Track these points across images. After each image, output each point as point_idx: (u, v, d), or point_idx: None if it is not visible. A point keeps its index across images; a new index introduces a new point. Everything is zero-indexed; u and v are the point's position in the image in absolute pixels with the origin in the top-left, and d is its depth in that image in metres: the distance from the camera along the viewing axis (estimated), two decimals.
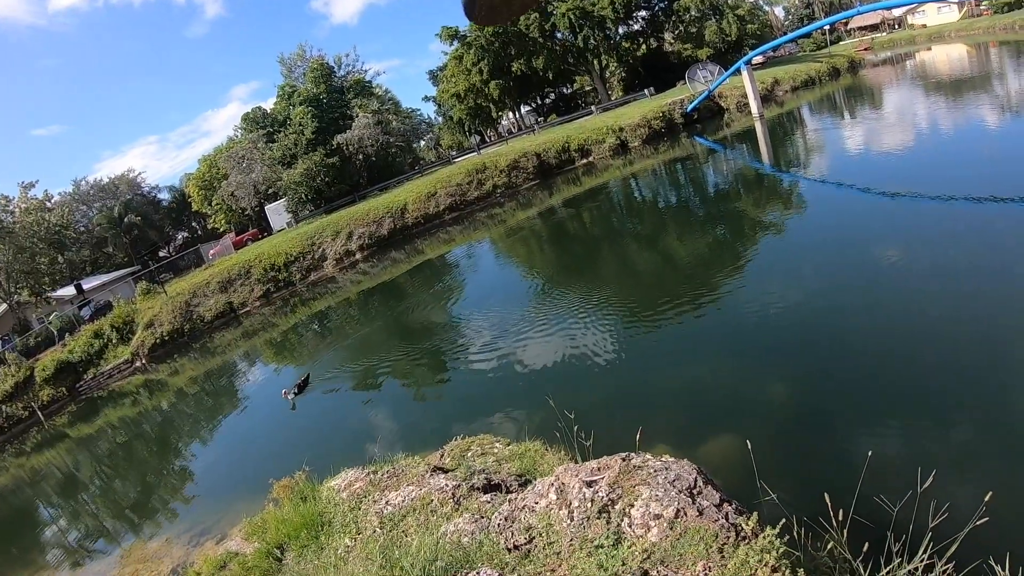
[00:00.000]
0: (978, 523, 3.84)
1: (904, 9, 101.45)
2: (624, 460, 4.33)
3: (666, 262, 19.16)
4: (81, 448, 25.57)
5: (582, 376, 11.91)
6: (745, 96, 46.01)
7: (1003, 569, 3.67)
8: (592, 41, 68.09)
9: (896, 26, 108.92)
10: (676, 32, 71.81)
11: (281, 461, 12.84)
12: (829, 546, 4.09)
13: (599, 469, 4.33)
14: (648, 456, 4.45)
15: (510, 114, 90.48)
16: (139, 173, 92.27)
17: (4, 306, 48.41)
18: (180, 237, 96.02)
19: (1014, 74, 37.90)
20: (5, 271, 45.56)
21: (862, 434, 7.88)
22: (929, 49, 73.84)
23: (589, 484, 4.18)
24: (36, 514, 20.49)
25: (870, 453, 4.59)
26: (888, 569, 3.84)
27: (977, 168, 18.23)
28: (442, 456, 8.57)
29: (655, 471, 4.14)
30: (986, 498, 3.85)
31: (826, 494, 3.99)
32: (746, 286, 14.54)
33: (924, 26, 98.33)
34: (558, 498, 4.30)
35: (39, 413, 33.84)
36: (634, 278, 18.49)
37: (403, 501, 6.88)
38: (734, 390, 9.90)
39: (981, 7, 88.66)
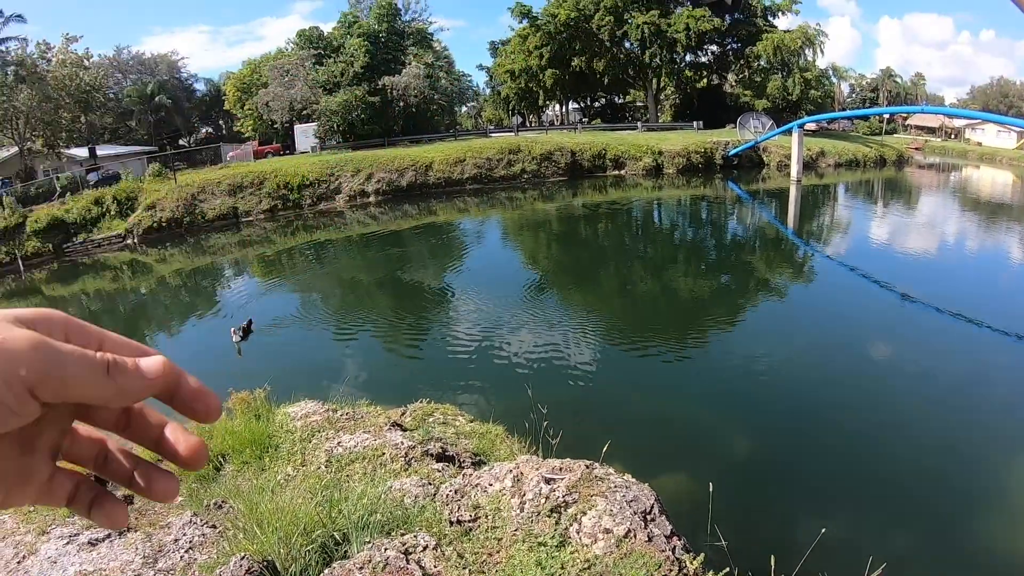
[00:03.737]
0: None
1: (965, 122, 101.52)
2: (588, 468, 4.32)
3: (665, 293, 19.17)
4: (51, 306, 25.30)
5: (558, 377, 11.92)
6: (788, 157, 45.93)
7: None
8: (657, 60, 67.76)
9: (953, 135, 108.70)
10: (740, 76, 71.50)
11: (241, 378, 12.85)
12: None
13: (561, 469, 4.32)
14: (611, 470, 4.44)
15: (557, 106, 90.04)
16: (182, 58, 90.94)
17: (15, 150, 47.98)
18: (204, 131, 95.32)
19: None
20: (25, 115, 45.10)
21: (821, 508, 8.01)
22: (977, 167, 73.70)
23: (547, 481, 4.17)
24: None
25: (823, 530, 4.60)
26: None
27: (989, 294, 18.38)
28: (403, 414, 8.54)
29: (615, 487, 4.14)
30: None
31: (772, 557, 3.99)
32: (736, 338, 14.61)
33: (979, 144, 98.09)
34: (513, 486, 4.29)
35: (20, 262, 33.56)
36: (631, 299, 18.50)
37: (355, 446, 6.87)
38: (705, 433, 9.96)
39: None
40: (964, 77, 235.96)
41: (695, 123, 63.83)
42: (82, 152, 51.16)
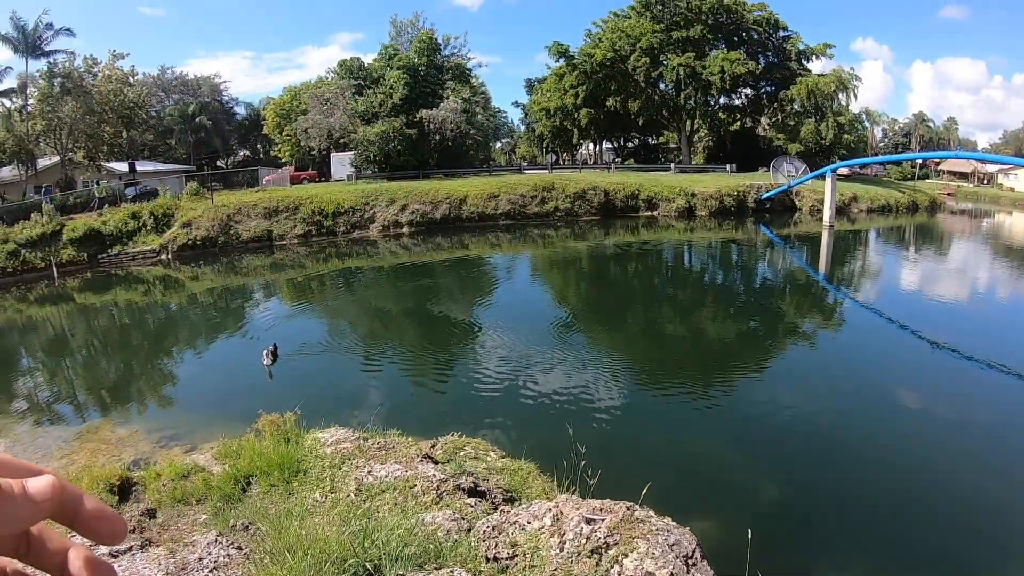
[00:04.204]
0: None
1: (997, 167, 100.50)
2: (628, 509, 4.25)
3: (696, 335, 18.99)
4: (82, 316, 25.91)
5: (589, 416, 11.78)
6: (821, 202, 45.65)
7: None
8: (692, 102, 68.15)
9: (985, 181, 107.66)
10: (773, 120, 71.62)
11: (270, 399, 12.78)
12: None
13: (601, 510, 4.25)
14: (652, 513, 4.36)
15: (590, 145, 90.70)
16: (224, 81, 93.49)
17: (56, 159, 49.31)
18: (241, 154, 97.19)
19: None
20: (69, 127, 46.44)
21: (857, 558, 7.84)
22: (1010, 213, 72.76)
23: (588, 521, 4.11)
24: (15, 360, 20.72)
25: None
26: None
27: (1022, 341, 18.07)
28: (434, 447, 8.48)
29: (656, 529, 4.06)
30: None
31: None
32: (767, 382, 14.42)
33: (1012, 189, 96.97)
34: (552, 525, 4.23)
35: (55, 269, 34.36)
36: (661, 341, 18.34)
37: (386, 476, 6.81)
38: (739, 477, 9.77)
39: None
40: (997, 121, 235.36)
41: (728, 166, 63.76)
42: (122, 166, 52.54)
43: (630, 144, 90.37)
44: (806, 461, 10.45)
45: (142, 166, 56.69)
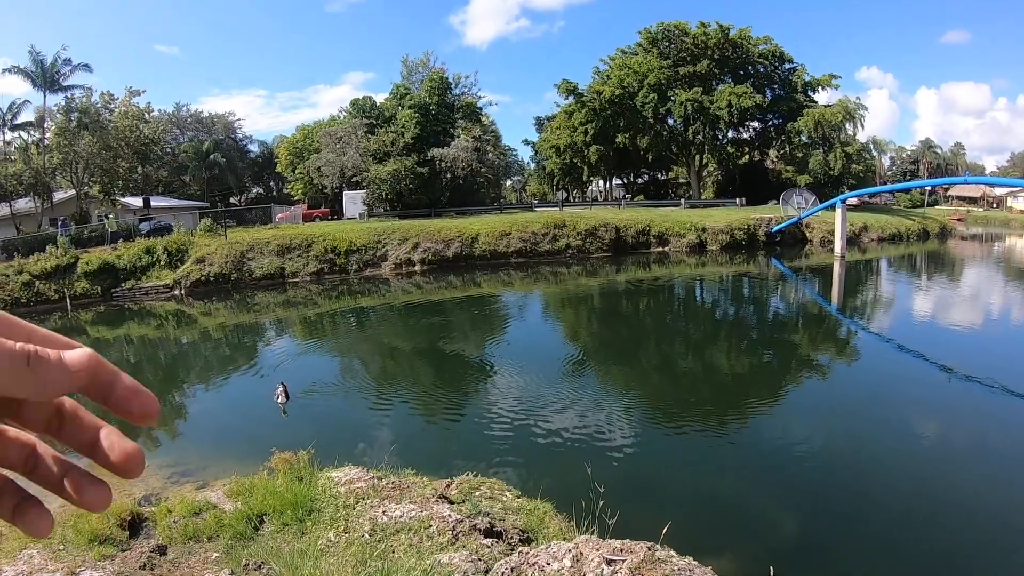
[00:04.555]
0: None
1: (1006, 190, 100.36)
2: (649, 549, 4.20)
3: (709, 370, 18.82)
4: (95, 349, 25.80)
5: (604, 454, 11.65)
6: (832, 232, 45.65)
7: None
8: (700, 137, 68.66)
9: (995, 205, 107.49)
10: (781, 152, 71.86)
11: (283, 437, 12.71)
12: None
13: (622, 551, 4.20)
14: (673, 552, 4.31)
15: (600, 181, 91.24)
16: (238, 119, 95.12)
17: (72, 193, 50.07)
18: (255, 191, 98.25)
19: None
20: (85, 161, 47.23)
21: None
22: (1021, 236, 72.52)
23: (609, 562, 4.05)
24: None
25: None
26: None
27: None
28: (449, 486, 8.43)
29: (679, 570, 4.00)
30: None
31: None
32: (782, 416, 14.23)
33: (1022, 212, 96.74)
34: (572, 566, 4.18)
35: (68, 301, 34.82)
36: (674, 377, 18.19)
37: (401, 516, 6.78)
38: (758, 514, 9.57)
39: None
40: (1004, 144, 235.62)
41: (738, 199, 63.96)
42: (136, 201, 53.21)
43: (640, 180, 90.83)
44: (826, 495, 10.26)
45: (157, 201, 57.52)
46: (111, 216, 44.04)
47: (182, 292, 36.10)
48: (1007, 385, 15.42)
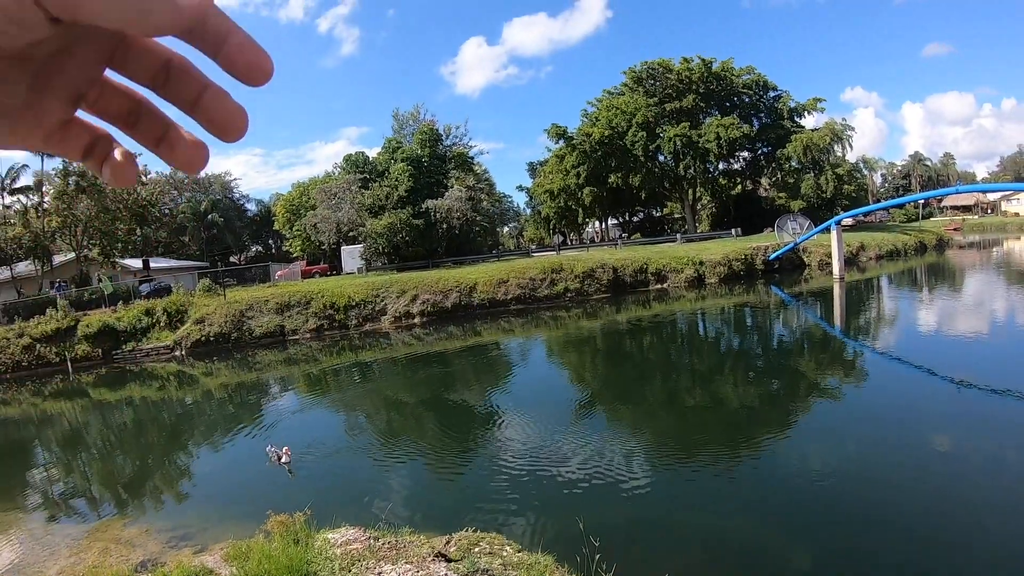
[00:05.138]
0: None
1: (999, 195, 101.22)
2: None
3: (714, 404, 18.64)
4: (97, 411, 26.20)
5: (609, 501, 11.45)
6: (829, 255, 45.79)
7: None
8: (691, 171, 69.42)
9: (989, 210, 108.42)
10: (773, 179, 72.61)
11: (282, 496, 12.74)
12: None
13: None
14: None
15: (596, 223, 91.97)
16: (235, 178, 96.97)
17: (72, 256, 50.82)
18: (254, 250, 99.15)
19: None
20: (84, 224, 47.80)
21: None
22: (1019, 239, 72.99)
23: None
24: (29, 454, 21.04)
25: None
26: None
27: None
28: (448, 543, 8.33)
29: None
30: None
31: None
32: (788, 448, 13.97)
33: (1017, 215, 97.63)
34: None
35: (69, 364, 35.09)
36: (678, 414, 18.03)
37: None
38: (771, 555, 9.36)
39: None
40: (992, 149, 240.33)
41: (733, 230, 64.36)
42: (136, 263, 53.88)
43: (635, 218, 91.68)
44: (840, 526, 9.97)
45: (156, 263, 58.17)
46: (108, 278, 44.37)
47: (183, 353, 36.15)
48: (1016, 389, 15.55)
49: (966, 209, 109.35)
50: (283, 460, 14.92)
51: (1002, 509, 10.03)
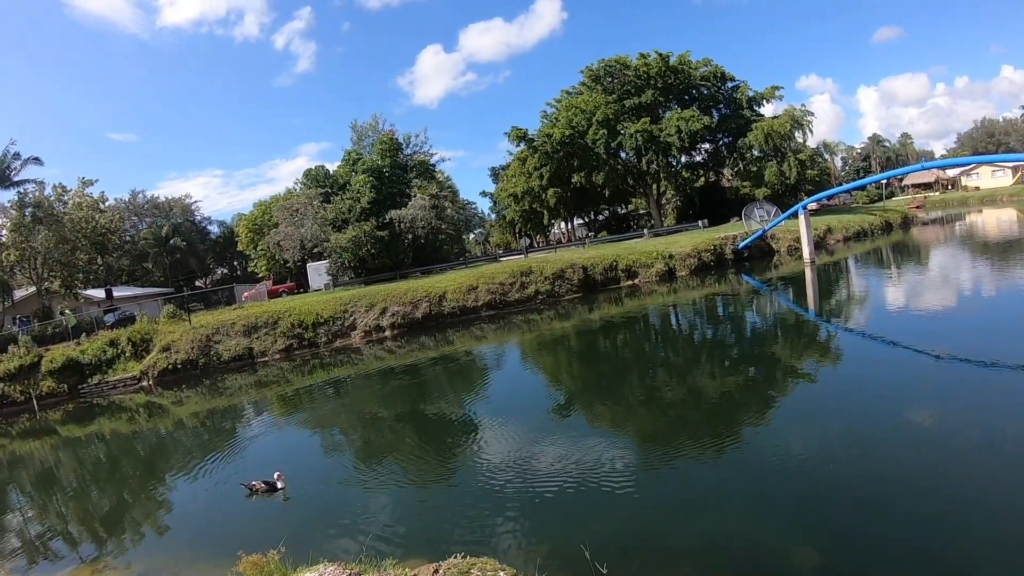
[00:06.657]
0: None
1: (959, 170, 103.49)
2: None
3: (693, 397, 18.33)
4: (66, 448, 25.30)
5: (596, 508, 10.94)
6: (797, 240, 46.22)
7: None
8: (654, 166, 69.61)
9: (950, 186, 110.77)
10: (736, 169, 73.07)
11: (258, 529, 12.26)
12: None
13: None
14: None
15: (562, 224, 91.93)
16: (195, 201, 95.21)
17: (32, 289, 49.28)
18: (219, 272, 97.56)
19: None
20: (43, 256, 46.29)
21: None
22: (980, 212, 74.80)
23: None
24: None
25: None
26: None
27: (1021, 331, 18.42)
28: (436, 572, 7.75)
29: None
30: None
31: None
32: (773, 434, 13.77)
33: (977, 188, 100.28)
34: None
35: (35, 402, 34.04)
36: (659, 409, 17.63)
37: None
38: (771, 551, 8.92)
39: None
40: (948, 127, 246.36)
41: (700, 222, 64.64)
42: (99, 293, 52.39)
43: (601, 217, 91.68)
44: (837, 512, 9.61)
45: (120, 291, 56.76)
46: (71, 311, 42.94)
47: (150, 383, 35.13)
48: (993, 358, 15.67)
49: (927, 187, 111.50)
50: (279, 486, 14.30)
51: (992, 475, 9.97)
